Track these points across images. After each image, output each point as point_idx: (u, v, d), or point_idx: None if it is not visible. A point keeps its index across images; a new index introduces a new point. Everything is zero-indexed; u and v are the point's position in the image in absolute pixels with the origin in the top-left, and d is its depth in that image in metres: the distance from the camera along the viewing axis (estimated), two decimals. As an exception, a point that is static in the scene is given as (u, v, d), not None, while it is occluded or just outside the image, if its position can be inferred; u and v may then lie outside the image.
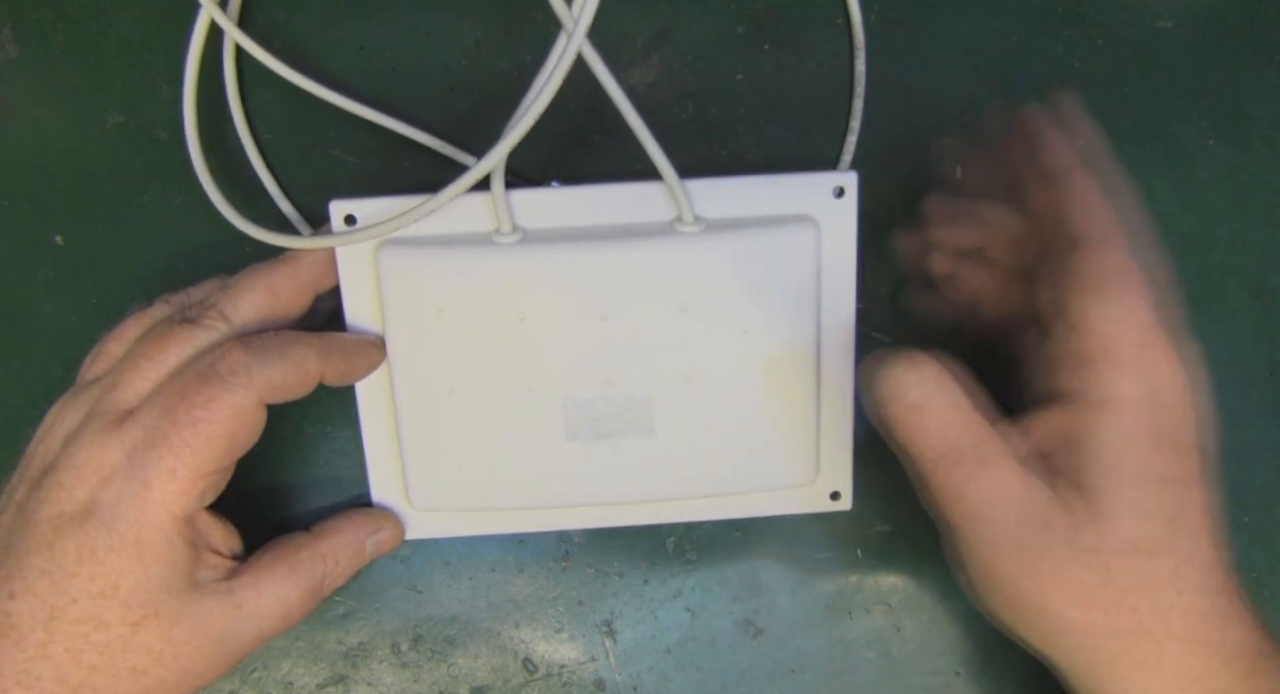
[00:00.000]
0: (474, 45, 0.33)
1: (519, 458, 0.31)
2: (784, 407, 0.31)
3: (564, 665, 0.35)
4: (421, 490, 0.32)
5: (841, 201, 0.31)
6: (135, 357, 0.28)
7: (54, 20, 0.33)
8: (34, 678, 0.26)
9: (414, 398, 0.31)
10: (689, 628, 0.35)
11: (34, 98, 0.33)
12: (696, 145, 0.34)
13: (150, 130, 0.33)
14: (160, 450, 0.26)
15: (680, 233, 0.30)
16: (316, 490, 0.35)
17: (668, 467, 0.32)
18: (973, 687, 0.36)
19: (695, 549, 0.35)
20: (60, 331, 0.34)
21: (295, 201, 0.34)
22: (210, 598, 0.28)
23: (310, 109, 0.33)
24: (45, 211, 0.34)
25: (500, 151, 0.27)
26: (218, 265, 0.33)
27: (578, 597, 0.35)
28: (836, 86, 0.33)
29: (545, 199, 0.30)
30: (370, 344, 0.31)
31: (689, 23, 0.33)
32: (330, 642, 0.35)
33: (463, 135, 0.33)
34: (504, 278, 0.30)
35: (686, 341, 0.30)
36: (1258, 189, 0.34)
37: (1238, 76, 0.34)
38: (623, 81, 0.27)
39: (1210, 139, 0.34)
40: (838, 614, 0.35)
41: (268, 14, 0.33)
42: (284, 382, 0.27)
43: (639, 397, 0.31)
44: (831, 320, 0.32)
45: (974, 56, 0.34)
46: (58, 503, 0.27)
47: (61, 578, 0.26)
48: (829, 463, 0.33)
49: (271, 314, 0.29)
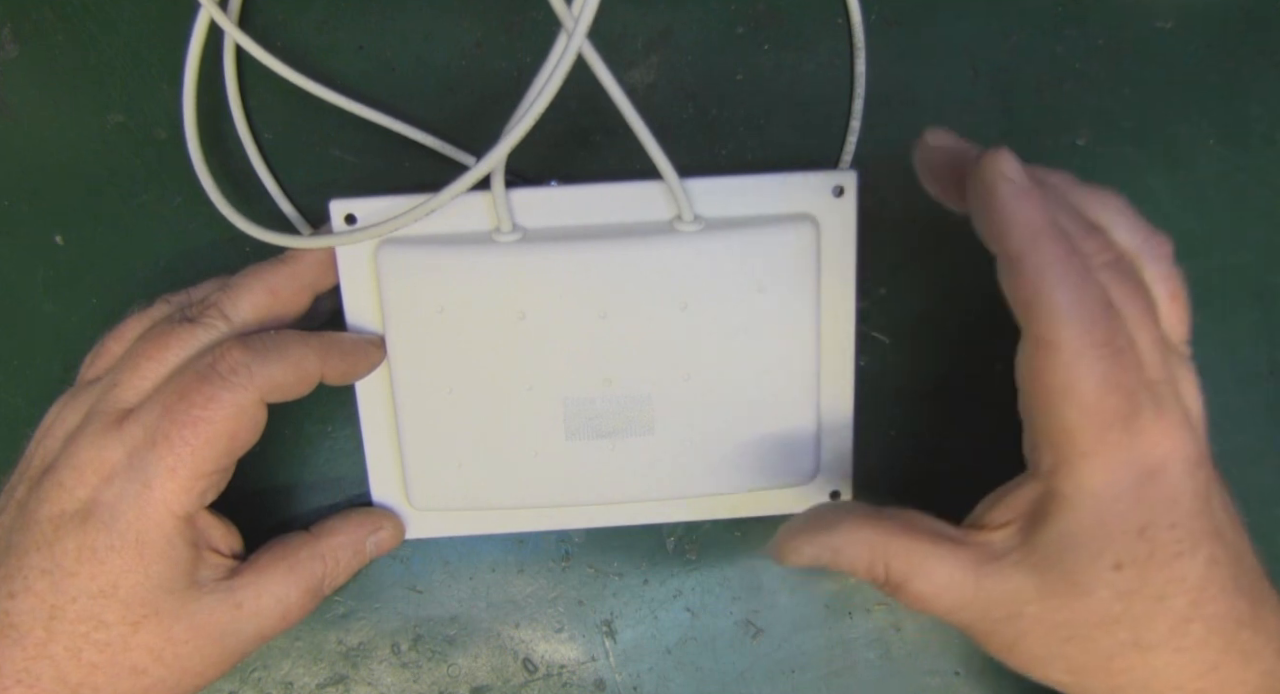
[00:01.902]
0: (474, 45, 0.33)
1: (519, 457, 0.31)
2: (784, 406, 0.31)
3: (564, 665, 0.35)
4: (421, 490, 0.32)
5: (841, 200, 0.31)
6: (135, 356, 0.28)
7: (54, 20, 0.33)
8: (34, 677, 0.26)
9: (414, 397, 0.31)
10: (689, 628, 0.35)
11: (34, 98, 0.33)
12: (696, 145, 0.34)
13: (150, 130, 0.33)
14: (161, 449, 0.26)
15: (680, 232, 0.30)
16: (316, 490, 0.35)
17: (667, 466, 0.32)
18: (973, 687, 0.35)
19: (695, 549, 0.35)
20: (60, 331, 0.34)
21: (295, 201, 0.34)
22: (210, 597, 0.28)
23: (310, 109, 0.33)
24: (45, 211, 0.34)
25: (500, 151, 0.27)
26: (218, 265, 0.33)
27: (578, 597, 0.35)
28: (836, 86, 0.33)
29: (545, 198, 0.30)
30: (370, 344, 0.31)
31: (689, 23, 0.33)
32: (330, 642, 0.35)
33: (463, 135, 0.33)
34: (504, 277, 0.30)
35: (686, 341, 0.30)
36: (1258, 189, 0.34)
37: (1238, 76, 0.34)
38: (623, 81, 0.27)
39: (1210, 139, 0.34)
40: (838, 614, 0.35)
41: (268, 14, 0.33)
42: (284, 381, 0.27)
43: (639, 396, 0.31)
44: (831, 320, 0.32)
45: (974, 56, 0.34)
46: (58, 502, 0.27)
47: (62, 577, 0.26)
48: (829, 462, 0.33)
49: (271, 314, 0.30)
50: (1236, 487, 0.27)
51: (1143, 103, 0.34)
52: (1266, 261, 0.35)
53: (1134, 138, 0.34)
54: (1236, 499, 0.27)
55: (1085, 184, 0.27)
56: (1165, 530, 0.24)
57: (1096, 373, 0.23)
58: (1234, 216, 0.34)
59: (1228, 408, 0.35)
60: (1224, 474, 0.26)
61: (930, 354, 0.35)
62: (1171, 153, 0.34)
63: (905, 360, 0.34)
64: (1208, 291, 0.35)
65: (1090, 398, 0.23)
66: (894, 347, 0.35)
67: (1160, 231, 0.27)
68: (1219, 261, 0.35)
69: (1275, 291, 0.35)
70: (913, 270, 0.34)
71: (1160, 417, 0.24)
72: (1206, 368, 0.26)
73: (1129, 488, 0.24)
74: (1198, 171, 0.34)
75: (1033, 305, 0.23)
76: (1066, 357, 0.23)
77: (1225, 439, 0.30)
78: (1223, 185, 0.34)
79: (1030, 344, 0.24)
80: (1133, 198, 0.34)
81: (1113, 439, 0.23)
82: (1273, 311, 0.35)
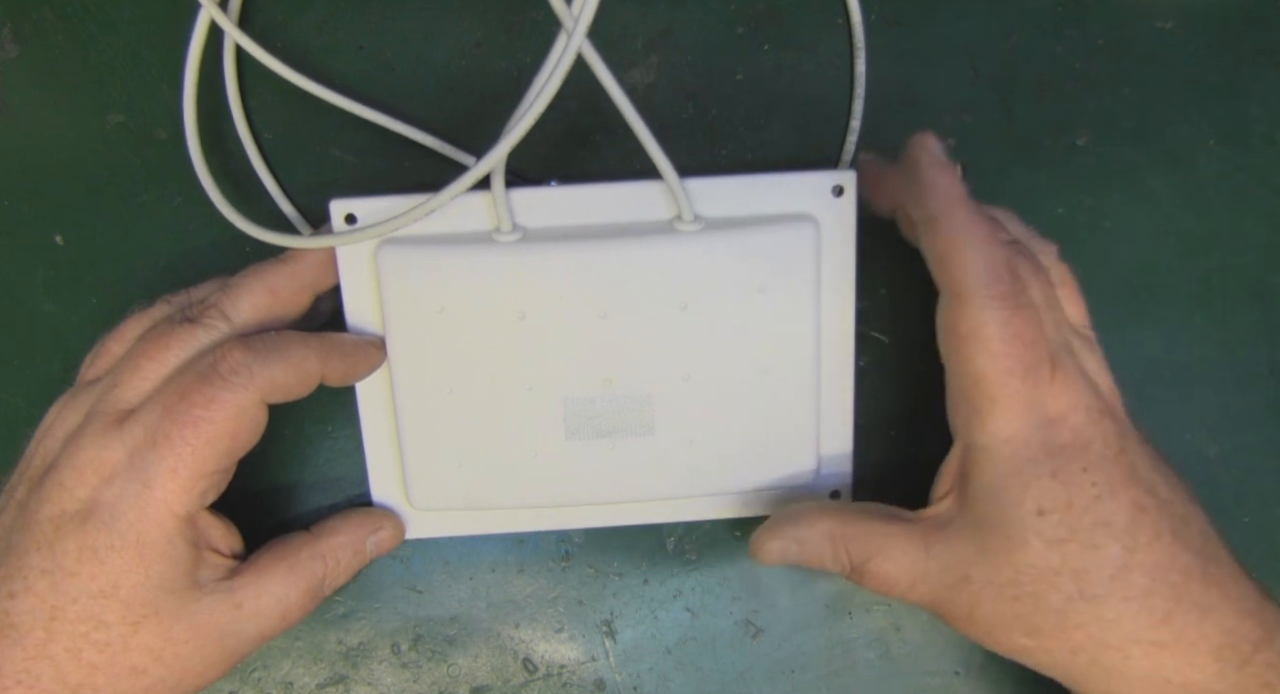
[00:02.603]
0: (474, 45, 0.33)
1: (519, 457, 0.31)
2: (784, 405, 0.31)
3: (564, 665, 0.35)
4: (421, 490, 0.32)
5: (841, 200, 0.31)
6: (136, 356, 0.28)
7: (54, 20, 0.33)
8: (34, 677, 0.26)
9: (414, 397, 0.31)
10: (689, 628, 0.35)
11: (34, 98, 0.33)
12: (696, 145, 0.34)
13: (150, 130, 0.33)
14: (162, 450, 0.26)
15: (680, 231, 0.30)
16: (316, 490, 0.35)
17: (667, 465, 0.32)
18: (973, 687, 0.35)
19: (695, 549, 0.35)
20: (60, 331, 0.34)
21: (295, 201, 0.34)
22: (211, 597, 0.28)
23: (310, 109, 0.33)
24: (45, 211, 0.34)
25: (500, 151, 0.27)
26: (218, 265, 0.33)
27: (578, 597, 0.35)
28: (836, 86, 0.33)
29: (545, 198, 0.30)
30: (370, 344, 0.31)
31: (689, 23, 0.33)
32: (330, 642, 0.35)
33: (463, 135, 0.33)
34: (504, 277, 0.30)
35: (686, 340, 0.30)
36: (1258, 189, 0.34)
37: (1238, 76, 0.34)
38: (623, 81, 0.27)
39: (1210, 139, 0.34)
40: (838, 614, 0.35)
41: (268, 14, 0.33)
42: (285, 381, 0.27)
43: (639, 395, 0.31)
44: (831, 319, 0.32)
45: (974, 56, 0.34)
46: (59, 502, 0.27)
47: (62, 577, 0.26)
48: (829, 462, 0.33)
49: (271, 314, 0.30)
50: (1236, 487, 0.27)
51: (1143, 103, 0.34)
52: (1266, 261, 0.35)
53: (1134, 138, 0.34)
54: (1236, 499, 0.27)
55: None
56: (1078, 473, 0.26)
57: (1000, 320, 0.25)
58: (1234, 216, 0.34)
59: (1228, 408, 0.35)
60: (1224, 474, 0.27)
61: (930, 354, 0.34)
62: (1171, 153, 0.34)
63: (905, 360, 0.35)
64: (1208, 292, 0.35)
65: (996, 344, 0.25)
66: (894, 346, 0.35)
67: (1050, 239, 0.30)
68: (1219, 261, 0.35)
69: (1275, 291, 0.35)
70: (913, 270, 0.34)
71: (1060, 371, 0.26)
72: (1206, 368, 0.27)
73: (1035, 432, 0.26)
74: (1198, 171, 0.34)
75: (946, 261, 0.26)
76: (974, 307, 0.26)
77: (1225, 439, 0.31)
78: (1223, 185, 0.34)
79: (945, 299, 0.27)
80: (1133, 198, 0.35)
81: (1015, 386, 0.26)
82: (1273, 311, 0.35)
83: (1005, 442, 0.26)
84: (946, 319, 0.27)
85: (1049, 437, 0.26)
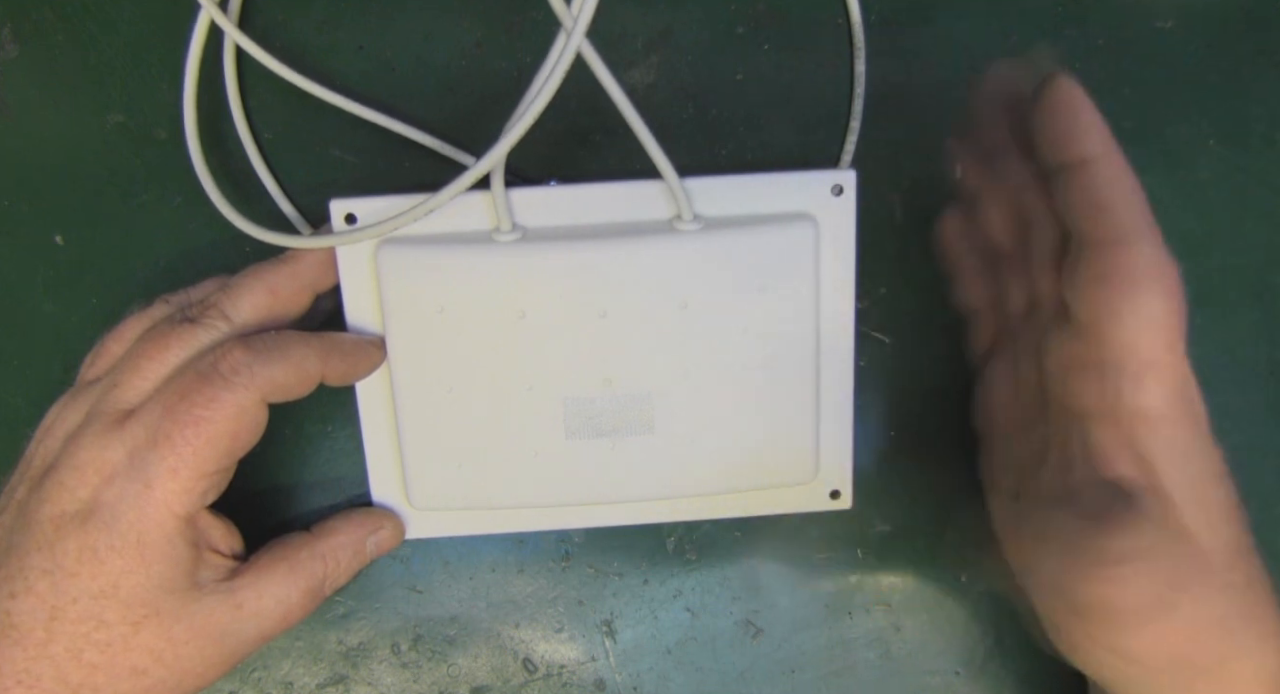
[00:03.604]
0: (474, 45, 0.33)
1: (519, 457, 0.31)
2: (783, 405, 0.31)
3: (564, 665, 0.35)
4: (421, 490, 0.32)
5: (840, 200, 0.31)
6: (136, 356, 0.28)
7: (54, 20, 0.33)
8: (34, 677, 0.26)
9: (414, 397, 0.31)
10: (689, 628, 0.35)
11: (34, 98, 0.33)
12: (696, 145, 0.34)
13: (150, 130, 0.33)
14: (162, 450, 0.26)
15: (679, 231, 0.30)
16: (316, 490, 0.35)
17: (667, 465, 0.32)
18: (973, 687, 0.35)
19: (695, 549, 0.35)
20: (60, 331, 0.34)
21: (295, 201, 0.34)
22: (211, 597, 0.28)
23: (310, 109, 0.33)
24: (45, 211, 0.34)
25: (500, 151, 0.27)
26: (218, 265, 0.33)
27: (578, 597, 0.35)
28: (836, 86, 0.33)
29: (545, 198, 0.30)
30: (371, 344, 0.31)
31: (689, 23, 0.33)
32: (330, 642, 0.35)
33: (462, 135, 0.33)
34: (504, 276, 0.30)
35: (686, 340, 0.30)
36: (1258, 189, 0.34)
37: (1238, 76, 0.34)
38: (623, 81, 0.27)
39: (1210, 139, 0.34)
40: (838, 614, 0.35)
41: (268, 14, 0.33)
42: (285, 381, 0.27)
43: (638, 395, 0.31)
44: (831, 319, 0.32)
45: (974, 56, 0.34)
46: (59, 502, 0.27)
47: (62, 577, 0.26)
48: (829, 461, 0.33)
49: (271, 314, 0.29)
50: (1237, 486, 0.27)
51: (1143, 103, 0.34)
52: (1266, 261, 0.35)
53: (1134, 138, 0.34)
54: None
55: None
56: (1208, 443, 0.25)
57: (1163, 288, 0.23)
58: (1234, 216, 0.34)
59: (1228, 408, 0.35)
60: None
61: (930, 354, 0.35)
62: (1171, 153, 0.34)
63: (905, 360, 0.35)
64: (1208, 291, 0.35)
65: (1158, 311, 0.23)
66: (894, 346, 0.35)
67: None
68: (1219, 261, 0.35)
69: (1275, 291, 0.35)
70: (913, 270, 0.34)
71: (1172, 352, 0.24)
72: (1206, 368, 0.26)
73: (1188, 404, 0.24)
74: (1198, 171, 0.34)
75: (1108, 208, 0.24)
76: (1140, 263, 0.23)
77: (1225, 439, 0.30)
78: (1223, 185, 0.34)
79: (1093, 250, 0.24)
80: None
81: (1170, 360, 0.24)
82: (1273, 311, 0.35)
83: (1170, 414, 0.24)
84: (1096, 273, 0.24)
85: (1191, 409, 0.25)
